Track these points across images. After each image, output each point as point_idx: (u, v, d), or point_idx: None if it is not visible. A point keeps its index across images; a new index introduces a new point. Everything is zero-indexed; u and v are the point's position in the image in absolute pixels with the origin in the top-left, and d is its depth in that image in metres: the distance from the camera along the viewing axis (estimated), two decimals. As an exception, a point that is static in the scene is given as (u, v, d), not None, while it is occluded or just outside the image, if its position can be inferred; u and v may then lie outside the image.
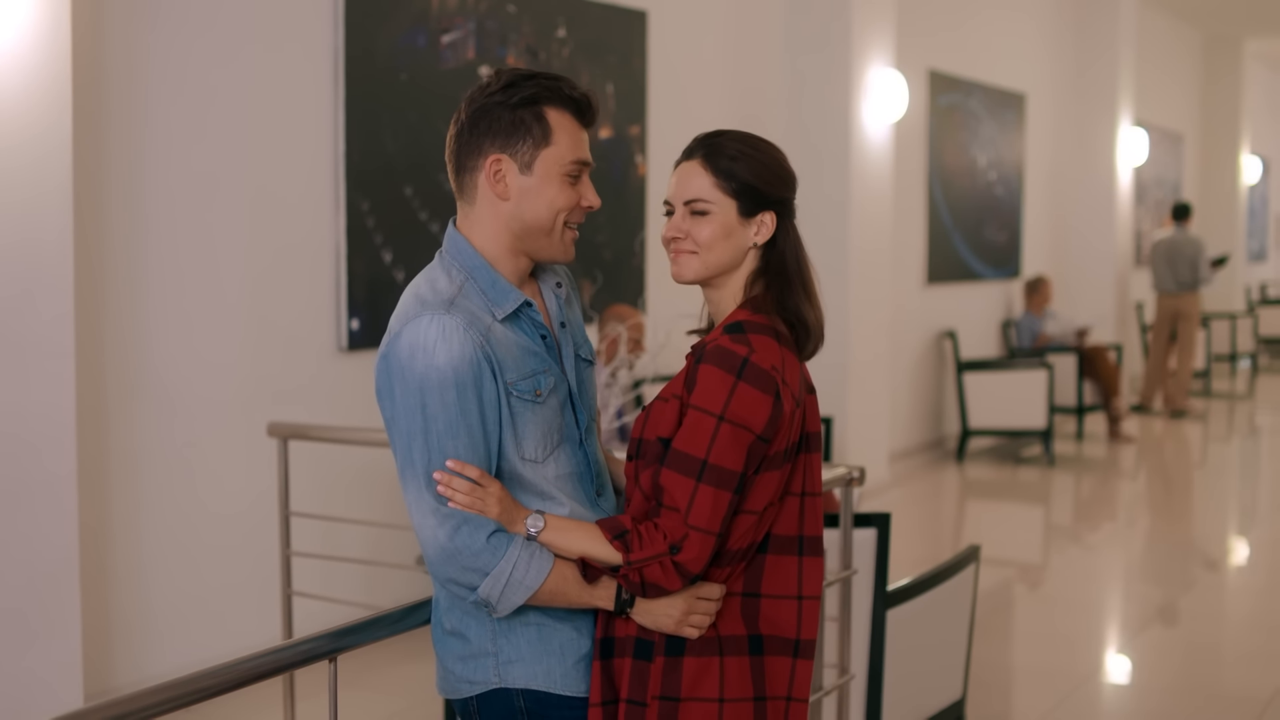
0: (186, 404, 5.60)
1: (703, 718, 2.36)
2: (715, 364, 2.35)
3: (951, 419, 11.82)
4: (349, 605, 5.29)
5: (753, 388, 2.33)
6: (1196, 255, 13.71)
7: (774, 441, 2.37)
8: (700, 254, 2.47)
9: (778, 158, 2.51)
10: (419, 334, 2.34)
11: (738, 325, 2.41)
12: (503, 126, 2.42)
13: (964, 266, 12.11)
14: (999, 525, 9.39)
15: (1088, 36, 14.35)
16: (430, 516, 2.32)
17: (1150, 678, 6.13)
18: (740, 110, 8.85)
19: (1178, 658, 6.45)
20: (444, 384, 2.31)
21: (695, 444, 2.32)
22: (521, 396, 2.39)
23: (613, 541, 2.34)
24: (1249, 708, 5.53)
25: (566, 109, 2.46)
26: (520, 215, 2.45)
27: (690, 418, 2.34)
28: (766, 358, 2.37)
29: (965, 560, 4.54)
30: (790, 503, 2.45)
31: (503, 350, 2.38)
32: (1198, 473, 11.82)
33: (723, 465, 2.31)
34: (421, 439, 2.32)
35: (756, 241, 2.47)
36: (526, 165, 2.43)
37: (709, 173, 2.47)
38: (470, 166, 2.46)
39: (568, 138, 2.45)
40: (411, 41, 6.41)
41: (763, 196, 2.46)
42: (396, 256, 6.37)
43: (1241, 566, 8.40)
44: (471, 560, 2.30)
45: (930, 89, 11.21)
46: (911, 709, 4.32)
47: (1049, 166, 14.04)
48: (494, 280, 2.44)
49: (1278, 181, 24.25)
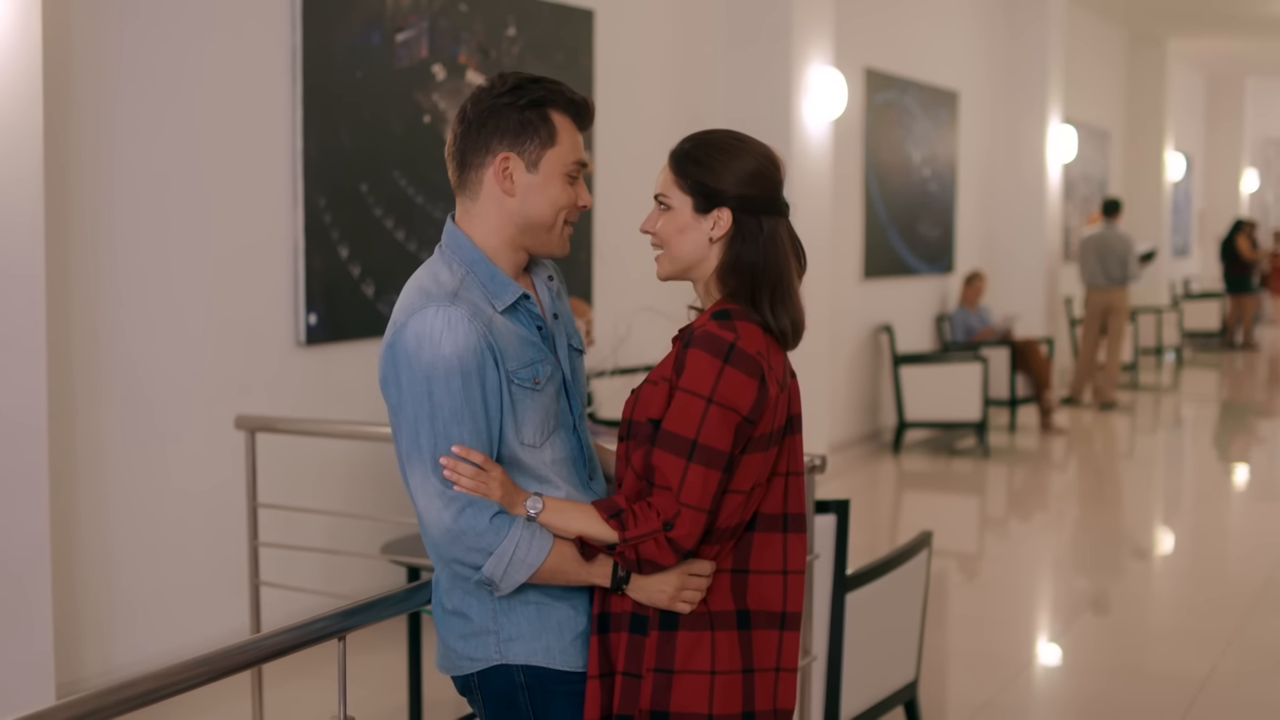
0: (150, 398, 5.67)
1: (695, 689, 2.49)
2: (703, 348, 2.47)
3: (888, 412, 12.02)
4: (316, 595, 5.37)
5: (739, 371, 2.46)
6: (1126, 251, 13.98)
7: (759, 424, 2.50)
8: (665, 251, 2.62)
9: (748, 159, 2.59)
10: (425, 324, 2.45)
11: (724, 313, 2.54)
12: (511, 126, 2.55)
13: (899, 262, 12.31)
14: (935, 515, 9.58)
15: (1018, 36, 14.61)
16: (436, 499, 2.43)
17: (1089, 660, 6.33)
18: (684, 107, 8.99)
19: (1114, 641, 6.66)
20: (450, 372, 2.43)
21: (685, 425, 2.44)
22: (521, 384, 2.51)
23: (609, 520, 2.47)
24: (1185, 686, 5.74)
25: (568, 112, 2.60)
26: (525, 211, 2.57)
27: (679, 400, 2.46)
28: (752, 343, 2.49)
29: (918, 546, 4.71)
30: (775, 482, 2.59)
31: (503, 340, 2.50)
32: (1125, 463, 12.09)
33: (712, 445, 2.43)
34: (428, 425, 2.44)
35: (713, 236, 2.58)
36: (533, 164, 2.56)
37: (672, 170, 2.62)
38: (477, 163, 2.57)
39: (570, 139, 2.59)
40: (367, 40, 6.51)
41: (717, 194, 2.57)
42: (353, 252, 6.46)
43: (1168, 553, 8.64)
44: (476, 540, 2.42)
45: (867, 87, 11.40)
46: (868, 690, 4.48)
47: (981, 163, 14.28)
48: (493, 274, 2.56)
49: (1200, 178, 24.71)
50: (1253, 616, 6.79)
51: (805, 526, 2.63)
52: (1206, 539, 9.08)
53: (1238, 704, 5.63)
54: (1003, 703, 5.68)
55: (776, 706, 2.58)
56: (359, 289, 6.51)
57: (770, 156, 2.64)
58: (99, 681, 5.44)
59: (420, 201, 6.84)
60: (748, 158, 2.60)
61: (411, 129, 6.79)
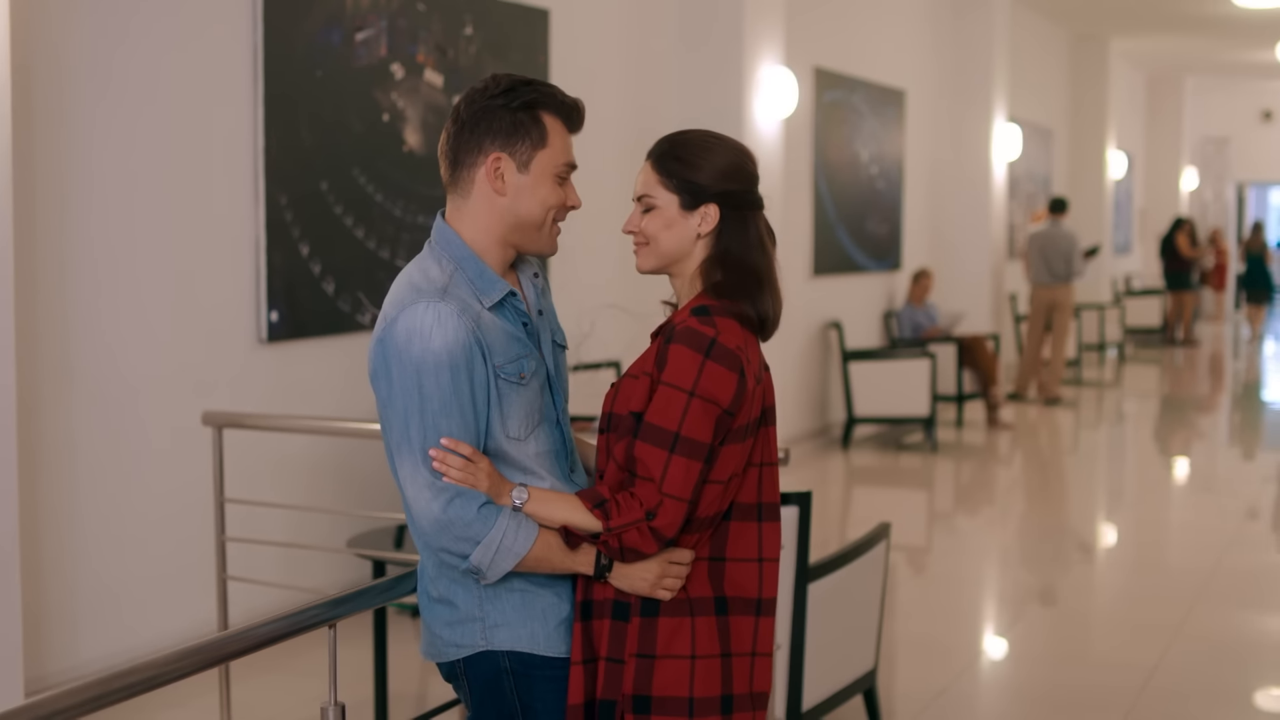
0: (115, 395, 5.70)
1: (676, 673, 2.58)
2: (685, 344, 2.56)
3: (837, 407, 12.15)
4: (284, 589, 5.42)
5: (720, 366, 2.55)
6: (1071, 248, 14.18)
7: (738, 415, 2.59)
8: (649, 245, 2.70)
9: (727, 155, 2.70)
10: (415, 319, 2.52)
11: (704, 309, 2.63)
12: (504, 127, 2.62)
13: (848, 259, 12.44)
14: (884, 510, 9.68)
15: (964, 35, 14.78)
16: (425, 490, 2.51)
17: (1041, 651, 6.46)
18: (638, 106, 9.08)
19: (1064, 632, 6.80)
20: (439, 366, 2.50)
21: (668, 418, 2.53)
22: (508, 379, 2.58)
23: (593, 510, 2.55)
24: (1135, 674, 5.88)
25: (559, 114, 2.67)
26: (515, 210, 2.65)
27: (662, 393, 2.55)
28: (731, 338, 2.59)
29: (877, 537, 4.82)
30: (750, 473, 2.68)
31: (491, 336, 2.57)
32: (1070, 458, 12.26)
33: (693, 437, 2.53)
34: (418, 418, 2.51)
35: (701, 232, 2.68)
36: (524, 164, 2.63)
37: (654, 170, 2.70)
38: (469, 163, 2.65)
39: (560, 141, 2.67)
40: (327, 39, 6.56)
41: (702, 190, 2.66)
42: (313, 250, 6.51)
43: (1113, 546, 8.80)
44: (464, 530, 2.50)
45: (816, 86, 11.52)
46: (829, 678, 4.58)
47: (928, 161, 14.44)
48: (481, 270, 2.63)
49: (1141, 176, 25.01)
50: (1199, 607, 6.95)
51: (779, 515, 2.72)
52: (1149, 531, 9.25)
53: (1187, 691, 5.77)
54: (957, 691, 5.80)
55: (753, 690, 2.67)
56: (319, 286, 6.56)
57: (746, 152, 2.75)
58: (65, 678, 5.48)
59: (380, 200, 6.90)
60: (727, 154, 2.70)
61: (371, 128, 6.85)
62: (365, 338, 6.85)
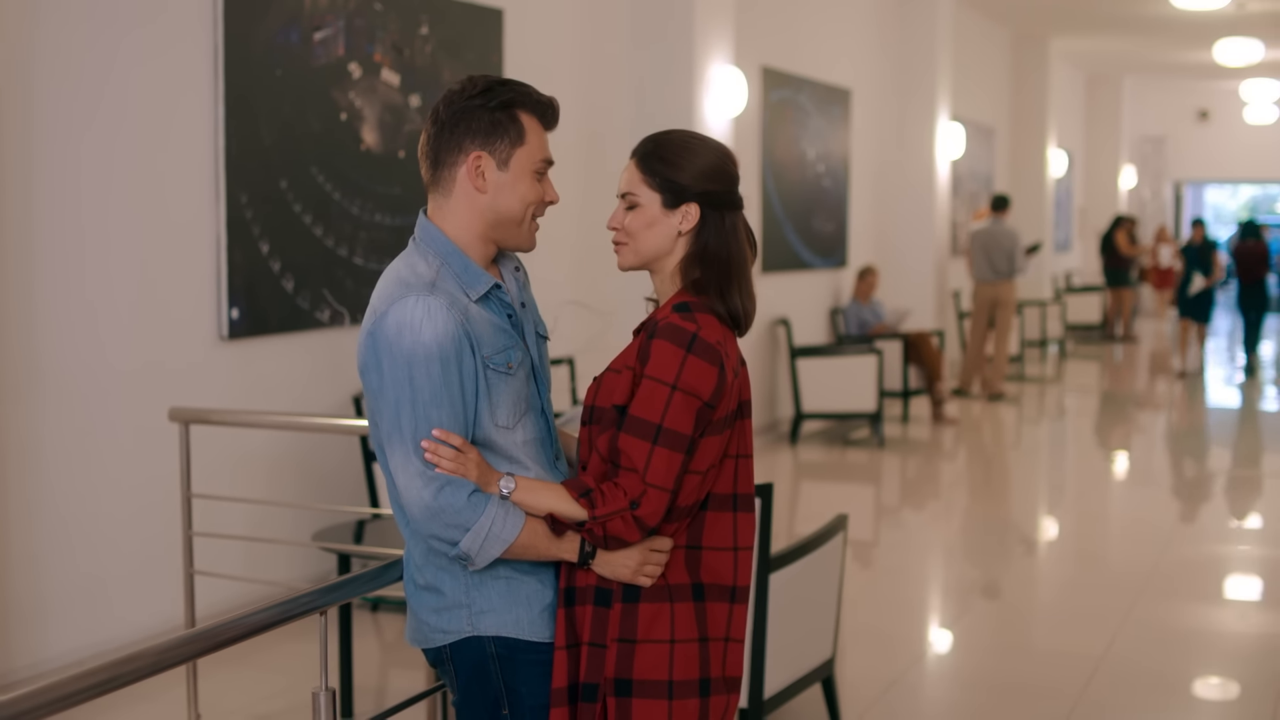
0: (78, 392, 5.74)
1: (656, 657, 2.67)
2: (667, 339, 2.66)
3: (785, 403, 12.29)
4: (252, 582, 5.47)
5: (701, 360, 2.65)
6: (1013, 245, 14.36)
7: (718, 408, 2.69)
8: (630, 243, 2.79)
9: (709, 156, 2.79)
10: (405, 313, 2.60)
11: (685, 305, 2.73)
12: (483, 126, 2.71)
13: (795, 256, 12.58)
14: (832, 504, 9.81)
15: (908, 34, 14.94)
16: (416, 479, 2.59)
17: (991, 642, 6.60)
18: (590, 106, 9.17)
19: (1012, 623, 6.95)
20: (429, 358, 2.59)
21: (651, 410, 2.63)
22: (496, 369, 2.67)
23: (579, 499, 2.64)
24: (1083, 663, 6.02)
25: (535, 113, 2.76)
26: (495, 207, 2.73)
27: (645, 387, 2.64)
28: (712, 333, 2.69)
29: (835, 528, 4.93)
30: (726, 464, 2.77)
31: (479, 328, 2.66)
32: (1013, 453, 12.44)
33: (675, 429, 2.62)
34: (409, 408, 2.59)
35: (682, 230, 2.77)
36: (504, 162, 2.72)
37: (638, 169, 2.79)
38: (450, 162, 2.73)
39: (537, 138, 2.76)
40: (286, 38, 6.61)
41: (684, 189, 2.76)
42: (273, 247, 6.57)
43: (1058, 539, 8.96)
44: (454, 517, 2.58)
45: (764, 85, 11.64)
46: (790, 667, 4.69)
47: (873, 160, 14.59)
48: (466, 265, 2.72)
49: (1081, 175, 25.31)
50: (1143, 598, 7.11)
51: (753, 507, 2.82)
52: (1092, 524, 9.43)
53: (1135, 679, 5.92)
54: (910, 681, 5.93)
55: (726, 674, 2.78)
56: (279, 283, 6.62)
57: (728, 154, 2.84)
58: (32, 673, 5.52)
59: (338, 198, 6.96)
60: (709, 155, 2.80)
61: (329, 127, 6.91)
62: (324, 335, 6.91)
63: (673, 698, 2.68)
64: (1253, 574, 7.91)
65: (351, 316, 7.04)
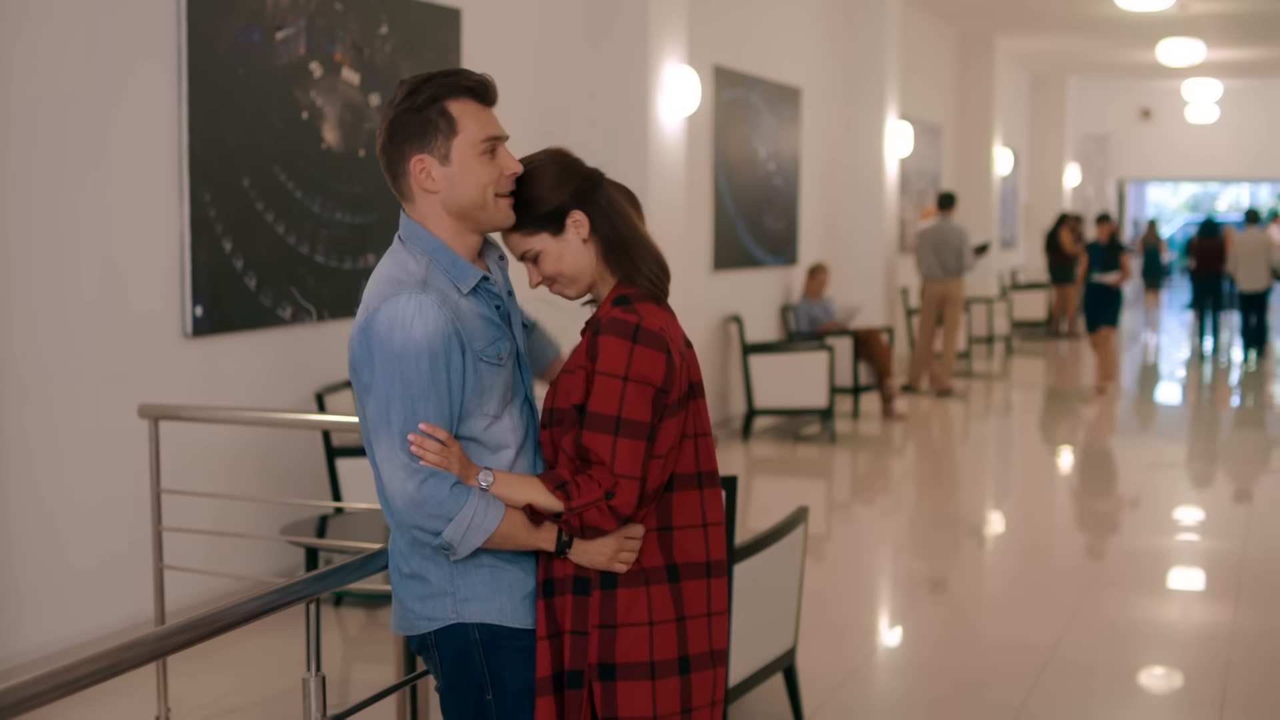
0: (44, 390, 5.77)
1: (636, 640, 2.78)
2: (613, 333, 2.76)
3: (738, 399, 12.41)
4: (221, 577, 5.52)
5: (647, 348, 2.76)
6: (961, 243, 14.52)
7: (670, 391, 2.79)
8: (561, 281, 2.89)
9: (548, 168, 2.89)
10: (397, 310, 2.68)
11: (623, 298, 2.84)
12: (415, 130, 2.76)
13: (746, 254, 12.70)
14: (784, 499, 9.92)
15: (857, 34, 15.09)
16: (401, 471, 2.67)
17: (946, 634, 6.73)
18: (546, 105, 9.26)
19: (966, 616, 7.08)
20: (419, 355, 2.67)
21: (607, 404, 2.73)
22: (488, 361, 2.76)
23: (555, 491, 2.74)
24: (1036, 653, 6.16)
25: (466, 97, 2.79)
26: (453, 199, 2.79)
27: (599, 383, 2.74)
28: (654, 321, 2.80)
29: (796, 520, 5.05)
30: (686, 444, 2.89)
31: (469, 324, 2.75)
32: (961, 448, 12.60)
33: (634, 418, 2.73)
34: (399, 403, 2.67)
35: (583, 237, 2.87)
36: (444, 157, 2.77)
37: (514, 232, 2.88)
38: (401, 172, 2.80)
39: (473, 121, 2.79)
40: (248, 38, 6.67)
41: (556, 210, 2.86)
42: (236, 245, 6.62)
43: (1005, 532, 9.11)
44: (437, 508, 2.66)
45: (716, 84, 11.75)
46: (753, 656, 4.80)
47: (822, 158, 14.73)
48: (454, 260, 2.80)
49: (1026, 173, 25.57)
50: (1092, 590, 7.26)
51: (719, 482, 2.94)
52: (1038, 518, 9.59)
53: (1089, 669, 6.05)
54: (867, 672, 6.05)
55: (713, 648, 2.89)
56: (242, 281, 6.67)
57: (558, 151, 2.93)
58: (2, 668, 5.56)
59: (299, 196, 7.02)
60: (546, 166, 2.90)
61: (290, 125, 6.97)
62: (286, 332, 6.97)
63: (655, 678, 2.79)
64: (1196, 566, 8.08)
65: (313, 313, 7.10)
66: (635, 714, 2.78)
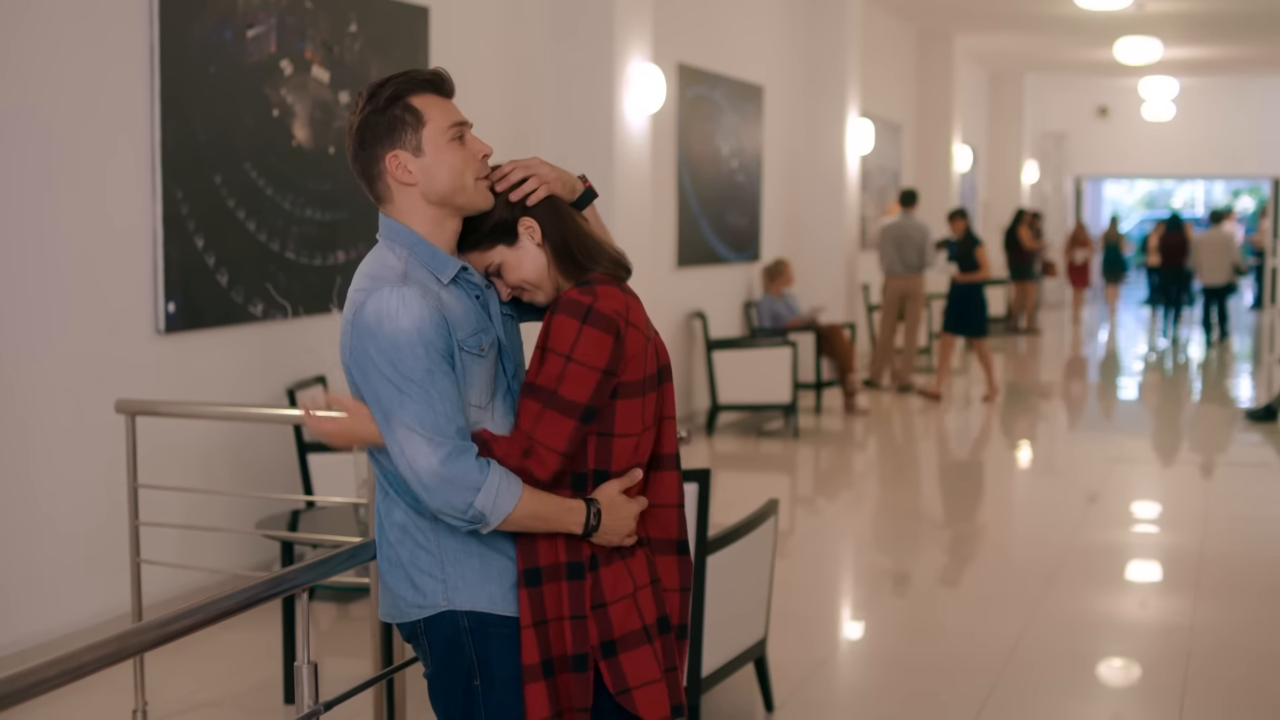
0: (17, 386, 5.79)
1: (626, 610, 2.89)
2: (565, 313, 2.83)
3: (701, 395, 12.49)
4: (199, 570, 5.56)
5: (595, 329, 2.81)
6: (924, 240, 14.63)
7: (621, 373, 2.85)
8: (530, 289, 2.96)
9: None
10: (382, 303, 2.74)
11: (585, 280, 2.91)
12: (383, 129, 2.84)
13: (710, 250, 12.79)
14: (748, 494, 9.98)
15: (819, 32, 15.20)
16: (424, 446, 2.72)
17: (908, 627, 6.82)
18: (514, 102, 9.32)
19: (927, 609, 7.18)
20: (412, 342, 2.73)
21: (547, 379, 2.80)
22: (470, 352, 2.82)
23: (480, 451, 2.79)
24: (1001, 642, 6.27)
25: (425, 91, 2.88)
26: (432, 187, 2.86)
27: (548, 360, 2.82)
28: (610, 303, 2.85)
29: (767, 512, 5.13)
30: (666, 425, 3.00)
31: (453, 314, 2.81)
32: (923, 443, 12.72)
33: (569, 397, 2.79)
34: (401, 389, 2.72)
35: (537, 240, 2.93)
36: (417, 149, 2.85)
37: (474, 252, 2.94)
38: (376, 173, 2.87)
39: (437, 111, 2.87)
40: (220, 35, 6.71)
41: (505, 221, 2.92)
42: (208, 242, 6.66)
43: (964, 526, 9.23)
44: (465, 479, 2.72)
45: (680, 82, 11.83)
46: (725, 647, 4.88)
47: (784, 155, 14.83)
48: (433, 252, 2.86)
49: (985, 170, 25.74)
50: (1054, 583, 7.37)
51: (679, 465, 3.05)
52: (999, 512, 9.71)
53: (1054, 659, 6.15)
54: (834, 664, 6.14)
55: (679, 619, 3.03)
56: (214, 278, 6.71)
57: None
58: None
59: (270, 193, 7.06)
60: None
61: (261, 123, 7.01)
62: (258, 328, 7.01)
63: (651, 640, 2.91)
64: (1155, 559, 8.20)
65: (285, 310, 7.15)
66: (645, 678, 2.89)
